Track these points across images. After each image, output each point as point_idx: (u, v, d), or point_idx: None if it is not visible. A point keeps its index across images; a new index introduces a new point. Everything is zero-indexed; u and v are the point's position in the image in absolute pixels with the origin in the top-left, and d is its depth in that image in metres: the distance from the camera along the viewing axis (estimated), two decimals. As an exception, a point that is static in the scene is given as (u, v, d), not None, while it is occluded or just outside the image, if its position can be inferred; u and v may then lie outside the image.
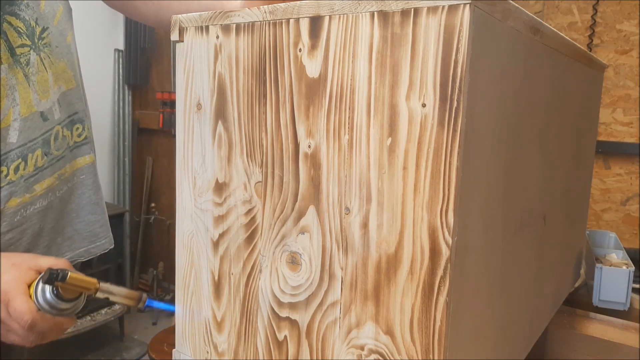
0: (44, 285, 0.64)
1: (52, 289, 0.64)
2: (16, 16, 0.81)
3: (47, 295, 0.64)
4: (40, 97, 0.84)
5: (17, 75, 0.81)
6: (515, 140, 0.58)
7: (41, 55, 0.84)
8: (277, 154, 0.54)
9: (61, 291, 0.64)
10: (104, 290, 0.65)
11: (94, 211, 0.98)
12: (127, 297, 0.67)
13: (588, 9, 2.07)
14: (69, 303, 0.65)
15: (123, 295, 0.66)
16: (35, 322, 0.64)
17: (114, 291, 0.66)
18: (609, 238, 1.40)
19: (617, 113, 2.06)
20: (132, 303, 0.67)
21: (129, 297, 0.67)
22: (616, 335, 0.97)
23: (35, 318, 0.64)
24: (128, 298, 0.67)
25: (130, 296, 0.67)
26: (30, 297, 0.65)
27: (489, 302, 0.57)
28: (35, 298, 0.64)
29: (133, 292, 0.67)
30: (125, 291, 0.67)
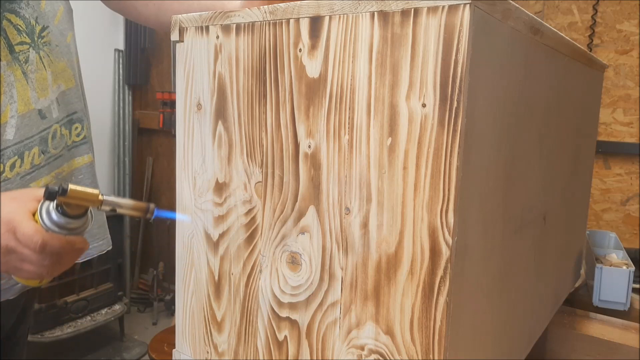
0: (49, 206, 0.63)
1: (57, 207, 0.62)
2: (16, 14, 0.81)
3: (52, 216, 0.62)
4: (39, 95, 0.84)
5: (16, 73, 0.81)
6: (515, 140, 0.58)
7: (40, 54, 0.84)
8: (277, 154, 0.54)
9: (66, 208, 0.62)
10: (109, 203, 0.63)
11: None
12: (135, 209, 0.64)
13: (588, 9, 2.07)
14: (76, 220, 0.63)
15: (130, 207, 0.64)
16: (45, 242, 0.62)
17: (120, 203, 0.63)
18: (609, 238, 1.41)
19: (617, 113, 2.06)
20: (140, 214, 0.65)
21: (137, 209, 0.64)
22: (616, 335, 0.97)
23: (45, 237, 0.62)
24: (135, 210, 0.64)
25: (137, 207, 0.64)
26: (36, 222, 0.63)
27: (489, 302, 0.57)
28: (42, 221, 0.62)
29: (140, 203, 0.65)
30: (131, 203, 0.64)
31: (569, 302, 1.11)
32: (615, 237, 1.40)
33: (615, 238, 1.40)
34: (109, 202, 0.63)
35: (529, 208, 0.68)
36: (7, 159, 0.80)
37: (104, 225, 1.01)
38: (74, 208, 0.63)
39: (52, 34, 0.87)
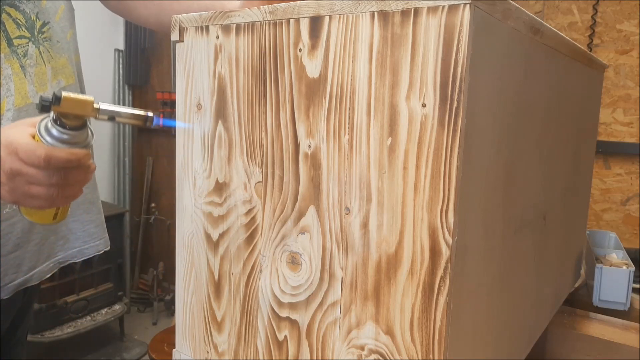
0: (47, 123, 0.61)
1: (55, 121, 0.61)
2: (16, 8, 0.81)
3: (52, 131, 0.61)
4: (37, 90, 0.84)
5: (13, 66, 0.81)
6: (515, 140, 0.58)
7: (40, 49, 0.84)
8: (277, 154, 0.54)
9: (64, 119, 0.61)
10: (107, 111, 0.61)
11: (89, 210, 0.97)
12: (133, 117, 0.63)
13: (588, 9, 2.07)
14: (76, 132, 0.62)
15: (128, 115, 0.62)
16: (49, 154, 0.60)
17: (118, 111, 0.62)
18: (609, 238, 1.40)
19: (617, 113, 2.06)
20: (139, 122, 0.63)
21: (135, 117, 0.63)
22: (616, 335, 0.97)
23: (49, 150, 0.60)
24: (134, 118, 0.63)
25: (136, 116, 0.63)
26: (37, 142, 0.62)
27: (489, 302, 0.57)
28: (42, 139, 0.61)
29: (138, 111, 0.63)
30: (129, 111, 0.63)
31: (569, 302, 1.11)
32: (615, 237, 1.40)
33: (615, 238, 1.40)
34: (106, 111, 0.61)
35: (529, 208, 0.68)
36: None
37: (101, 225, 1.01)
38: (72, 119, 0.61)
39: (52, 30, 0.87)
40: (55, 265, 0.94)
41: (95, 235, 0.99)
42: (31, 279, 0.90)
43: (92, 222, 0.98)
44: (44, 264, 0.91)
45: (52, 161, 0.60)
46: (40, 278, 0.91)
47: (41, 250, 0.90)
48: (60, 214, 0.71)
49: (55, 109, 0.59)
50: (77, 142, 0.62)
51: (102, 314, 2.66)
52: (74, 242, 0.96)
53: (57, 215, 0.70)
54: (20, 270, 0.87)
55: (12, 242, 0.84)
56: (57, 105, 0.59)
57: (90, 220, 0.98)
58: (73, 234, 0.95)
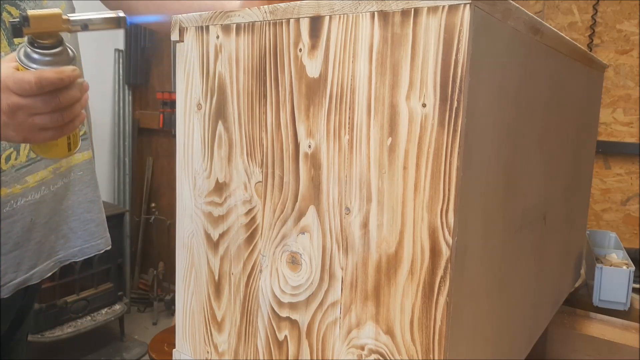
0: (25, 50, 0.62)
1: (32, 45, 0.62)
2: (16, 7, 0.81)
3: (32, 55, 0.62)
4: None
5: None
6: (515, 140, 0.58)
7: None
8: (278, 153, 0.54)
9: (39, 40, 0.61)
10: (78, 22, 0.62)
11: (90, 209, 0.97)
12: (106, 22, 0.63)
13: (588, 8, 2.07)
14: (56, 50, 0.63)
15: (100, 21, 0.63)
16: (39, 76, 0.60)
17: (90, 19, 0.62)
18: (609, 238, 1.40)
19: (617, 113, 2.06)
20: (112, 26, 0.63)
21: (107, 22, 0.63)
22: (616, 335, 0.97)
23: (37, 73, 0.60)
24: (106, 23, 0.63)
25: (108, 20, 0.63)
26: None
27: (489, 302, 0.57)
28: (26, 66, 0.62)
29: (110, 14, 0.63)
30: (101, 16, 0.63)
31: (569, 302, 1.11)
32: (615, 237, 1.40)
33: (616, 238, 1.40)
34: (78, 21, 0.62)
35: (529, 208, 0.68)
36: (2, 150, 0.80)
37: (102, 224, 1.01)
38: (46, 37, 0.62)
39: None
40: (56, 264, 0.94)
41: (96, 235, 0.99)
42: (31, 278, 0.89)
43: (93, 221, 0.98)
44: (45, 263, 0.91)
45: (43, 83, 0.60)
46: (41, 277, 0.91)
47: (41, 249, 0.90)
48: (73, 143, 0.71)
49: (26, 31, 0.60)
50: (61, 61, 0.63)
51: (102, 314, 2.66)
52: (75, 241, 0.96)
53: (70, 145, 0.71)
54: (21, 269, 0.87)
55: (12, 241, 0.84)
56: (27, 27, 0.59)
57: (91, 220, 0.97)
58: (74, 233, 0.95)
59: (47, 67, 0.62)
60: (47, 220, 0.89)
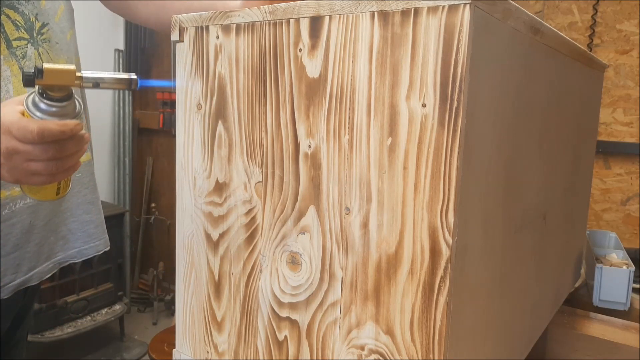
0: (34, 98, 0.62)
1: (41, 95, 0.62)
2: (15, 9, 0.81)
3: (40, 105, 0.62)
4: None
5: (12, 68, 0.81)
6: (515, 140, 0.58)
7: (39, 50, 0.84)
8: (277, 154, 0.54)
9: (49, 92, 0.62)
10: (90, 79, 0.62)
11: (89, 211, 0.97)
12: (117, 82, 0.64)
13: (588, 8, 2.07)
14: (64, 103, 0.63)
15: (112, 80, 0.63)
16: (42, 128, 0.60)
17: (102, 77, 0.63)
18: (609, 238, 1.40)
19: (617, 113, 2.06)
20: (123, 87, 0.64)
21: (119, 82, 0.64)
22: (616, 335, 0.97)
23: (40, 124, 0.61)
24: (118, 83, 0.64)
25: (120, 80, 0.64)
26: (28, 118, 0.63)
27: (489, 302, 0.57)
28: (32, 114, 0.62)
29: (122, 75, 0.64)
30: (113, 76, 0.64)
31: (569, 302, 1.11)
32: (615, 237, 1.40)
33: (616, 238, 1.40)
34: (90, 78, 0.62)
35: (529, 208, 0.68)
36: None
37: (101, 225, 1.01)
38: (57, 90, 0.62)
39: (52, 31, 0.87)
40: (55, 265, 0.94)
41: (95, 236, 0.99)
42: (31, 279, 0.90)
43: (92, 222, 0.98)
44: (44, 265, 0.91)
45: (45, 134, 0.60)
46: (40, 278, 0.91)
47: (41, 251, 0.90)
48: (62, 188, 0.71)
49: (39, 82, 0.60)
50: (67, 114, 0.63)
51: (102, 314, 2.66)
52: (74, 242, 0.96)
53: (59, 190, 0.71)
54: (20, 270, 0.87)
55: (11, 243, 0.84)
56: (40, 78, 0.59)
57: (90, 221, 0.98)
58: (73, 235, 0.95)
59: (52, 118, 0.62)
60: (46, 222, 0.89)
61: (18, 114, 0.62)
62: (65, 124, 0.62)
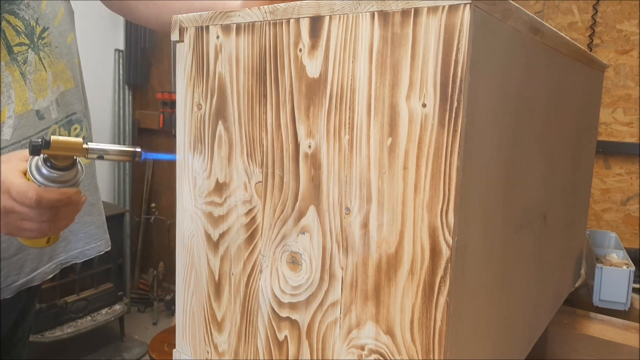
0: (37, 162, 0.63)
1: (45, 162, 0.62)
2: (15, 15, 0.81)
3: (42, 170, 0.63)
4: (37, 96, 0.84)
5: (14, 73, 0.81)
6: (515, 140, 0.58)
7: (40, 55, 0.85)
8: (278, 154, 0.54)
9: (54, 161, 0.62)
10: (95, 150, 0.63)
11: (90, 212, 0.97)
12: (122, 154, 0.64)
13: (588, 8, 2.07)
14: (66, 172, 0.64)
15: (117, 152, 0.64)
16: (40, 196, 0.62)
17: (107, 149, 0.63)
18: (609, 238, 1.40)
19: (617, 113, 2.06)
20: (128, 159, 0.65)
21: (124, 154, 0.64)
22: (616, 335, 0.97)
23: (39, 192, 0.62)
24: (123, 155, 0.64)
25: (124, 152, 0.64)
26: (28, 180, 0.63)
27: (489, 302, 0.57)
28: (33, 178, 0.63)
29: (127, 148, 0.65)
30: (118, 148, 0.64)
31: (569, 302, 1.11)
32: (615, 237, 1.40)
33: (616, 238, 1.40)
34: (95, 150, 0.63)
35: (529, 208, 0.68)
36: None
37: (102, 226, 1.01)
38: (62, 159, 0.63)
39: (52, 35, 0.87)
40: (57, 266, 0.94)
41: (96, 236, 0.99)
42: (33, 280, 0.90)
43: (93, 223, 0.98)
44: (46, 265, 0.92)
45: (42, 202, 0.62)
46: (42, 279, 0.92)
47: (43, 252, 0.90)
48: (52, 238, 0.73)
49: (45, 152, 0.61)
50: (67, 180, 0.64)
51: (102, 314, 2.66)
52: (76, 243, 0.96)
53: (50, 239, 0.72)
54: (23, 271, 0.88)
55: (14, 246, 0.85)
56: (47, 149, 0.60)
57: (91, 222, 0.98)
58: (74, 236, 0.96)
59: (52, 184, 0.63)
60: None
61: (19, 173, 0.63)
62: (64, 192, 0.64)
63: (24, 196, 0.62)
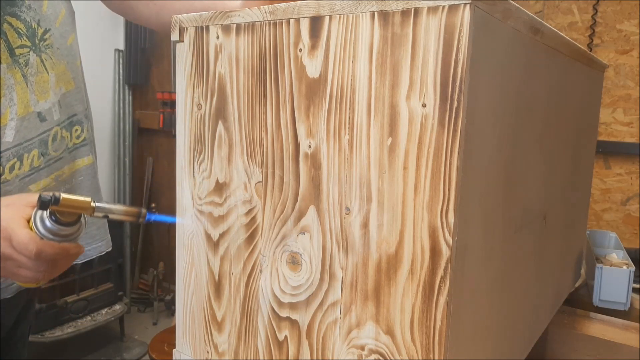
0: (42, 214, 0.64)
1: (50, 215, 0.63)
2: (17, 17, 0.81)
3: (46, 223, 0.63)
4: (38, 98, 0.84)
5: (16, 76, 0.81)
6: (515, 140, 0.58)
7: (42, 57, 0.85)
8: (278, 154, 0.54)
9: (59, 216, 0.63)
10: (102, 209, 0.64)
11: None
12: (127, 214, 0.66)
13: (588, 8, 2.07)
14: (70, 227, 0.65)
15: (122, 212, 0.65)
16: (40, 250, 0.63)
17: (112, 209, 0.65)
18: (609, 238, 1.40)
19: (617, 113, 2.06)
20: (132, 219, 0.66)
21: (129, 214, 0.66)
22: (616, 335, 0.97)
23: (40, 246, 0.63)
24: (127, 215, 0.66)
25: (129, 213, 0.66)
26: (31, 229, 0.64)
27: (489, 302, 0.57)
28: (36, 228, 0.64)
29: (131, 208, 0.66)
30: (123, 208, 0.66)
31: (569, 302, 1.11)
32: (615, 237, 1.40)
33: (616, 238, 1.40)
34: (101, 209, 0.64)
35: (529, 208, 0.68)
36: (6, 161, 0.80)
37: (104, 227, 1.01)
38: (67, 215, 0.64)
39: (53, 36, 0.87)
40: None
41: (97, 237, 0.99)
42: None
43: (94, 224, 0.99)
44: None
45: (42, 256, 0.64)
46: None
47: None
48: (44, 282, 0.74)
49: (53, 208, 0.62)
50: (69, 235, 0.65)
51: (103, 314, 2.67)
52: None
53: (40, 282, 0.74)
54: None
55: None
56: (56, 205, 0.62)
57: (92, 223, 0.98)
58: None
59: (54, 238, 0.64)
60: None
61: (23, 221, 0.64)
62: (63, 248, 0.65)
63: (24, 247, 0.63)
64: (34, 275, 0.66)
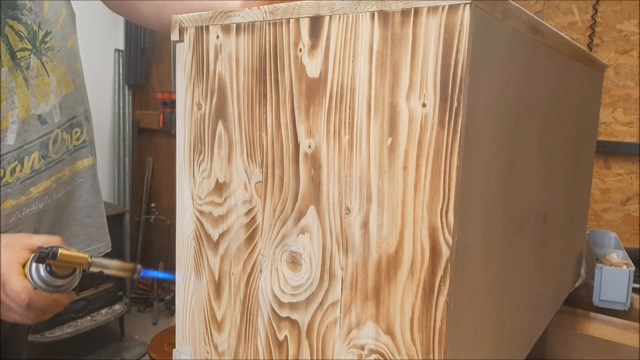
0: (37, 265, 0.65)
1: (46, 267, 0.64)
2: (18, 20, 0.81)
3: (41, 273, 0.64)
4: (39, 101, 0.84)
5: (17, 79, 0.81)
6: (515, 140, 0.58)
7: (43, 59, 0.85)
8: (278, 154, 0.54)
9: (54, 268, 0.64)
10: (97, 264, 0.65)
11: (90, 214, 0.98)
12: (121, 270, 0.67)
13: (588, 8, 2.07)
14: (64, 279, 0.66)
15: (117, 268, 0.67)
16: (32, 301, 0.64)
17: (108, 265, 0.66)
18: (609, 238, 1.40)
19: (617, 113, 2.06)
20: (127, 274, 0.68)
21: (123, 269, 0.67)
22: (616, 335, 0.97)
23: (32, 297, 0.64)
24: (122, 270, 0.67)
25: (124, 268, 0.67)
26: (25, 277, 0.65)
27: (489, 302, 0.57)
28: (30, 277, 0.65)
29: (126, 264, 0.68)
30: (118, 264, 0.67)
31: (569, 302, 1.11)
32: (615, 236, 1.40)
33: (616, 238, 1.40)
34: (97, 264, 0.66)
35: (529, 208, 0.68)
36: (7, 163, 0.80)
37: (103, 228, 1.01)
38: (63, 269, 0.65)
39: (54, 39, 0.87)
40: None
41: (97, 238, 0.99)
42: None
43: (94, 225, 0.99)
44: None
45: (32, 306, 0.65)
46: None
47: None
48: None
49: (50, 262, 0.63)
50: (62, 286, 0.67)
51: (103, 314, 2.67)
52: (76, 245, 0.96)
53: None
54: None
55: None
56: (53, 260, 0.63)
57: (92, 224, 0.98)
58: (75, 238, 0.96)
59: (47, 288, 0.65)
60: (49, 227, 0.90)
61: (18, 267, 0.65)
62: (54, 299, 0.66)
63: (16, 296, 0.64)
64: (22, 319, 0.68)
